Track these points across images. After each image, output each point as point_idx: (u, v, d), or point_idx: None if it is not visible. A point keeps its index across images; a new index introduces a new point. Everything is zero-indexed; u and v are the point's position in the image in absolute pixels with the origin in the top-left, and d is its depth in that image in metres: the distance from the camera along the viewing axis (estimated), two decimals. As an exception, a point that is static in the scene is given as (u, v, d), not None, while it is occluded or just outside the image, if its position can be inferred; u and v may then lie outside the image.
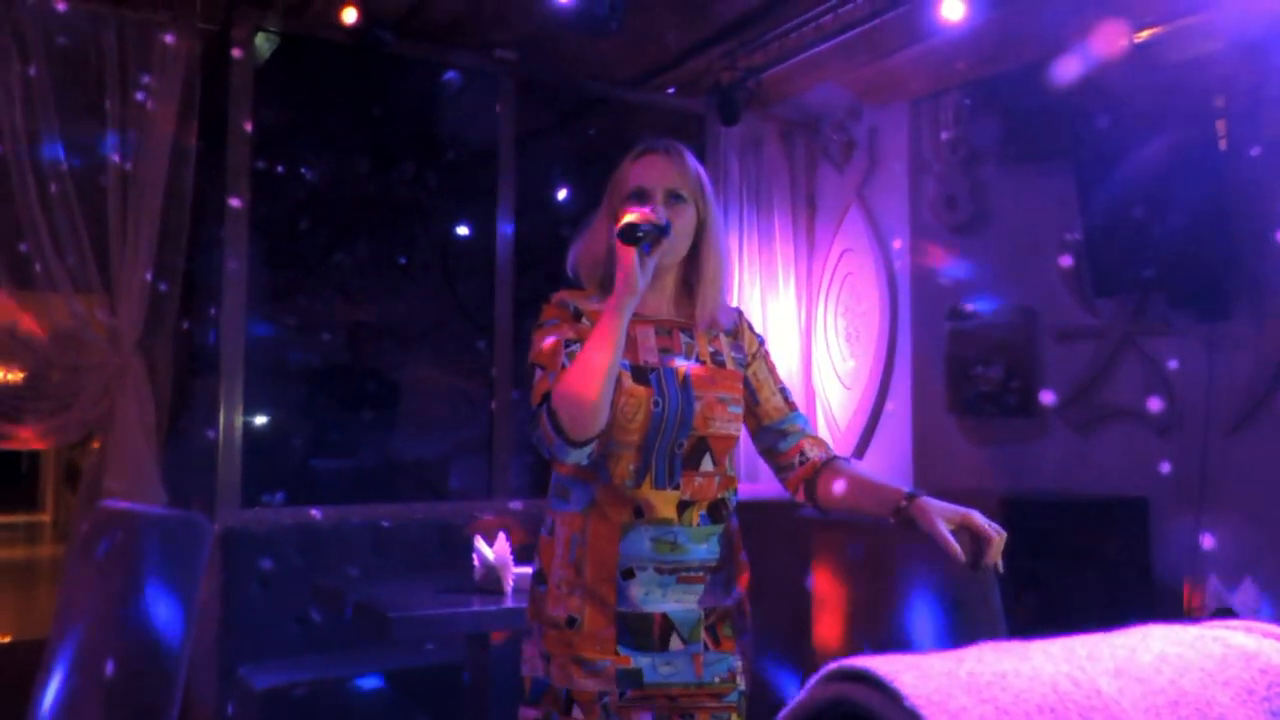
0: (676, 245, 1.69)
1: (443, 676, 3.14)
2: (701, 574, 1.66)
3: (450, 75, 4.09)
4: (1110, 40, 3.25)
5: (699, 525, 1.66)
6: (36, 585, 8.05)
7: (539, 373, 1.65)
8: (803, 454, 1.76)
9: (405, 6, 3.58)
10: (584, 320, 1.69)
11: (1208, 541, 3.18)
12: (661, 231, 1.61)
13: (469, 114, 4.27)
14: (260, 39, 3.68)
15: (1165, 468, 3.30)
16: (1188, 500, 3.27)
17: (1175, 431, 3.37)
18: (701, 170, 1.75)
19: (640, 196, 1.69)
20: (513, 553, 2.64)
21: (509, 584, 2.59)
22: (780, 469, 1.79)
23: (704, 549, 1.66)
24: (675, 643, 1.63)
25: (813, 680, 0.48)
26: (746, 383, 1.77)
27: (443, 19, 3.73)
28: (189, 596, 1.58)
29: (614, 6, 3.16)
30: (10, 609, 7.27)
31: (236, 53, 3.52)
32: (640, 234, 1.57)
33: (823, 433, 4.29)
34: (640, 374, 1.65)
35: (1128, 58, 3.26)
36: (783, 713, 0.47)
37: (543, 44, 3.92)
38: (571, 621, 1.63)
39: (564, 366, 1.60)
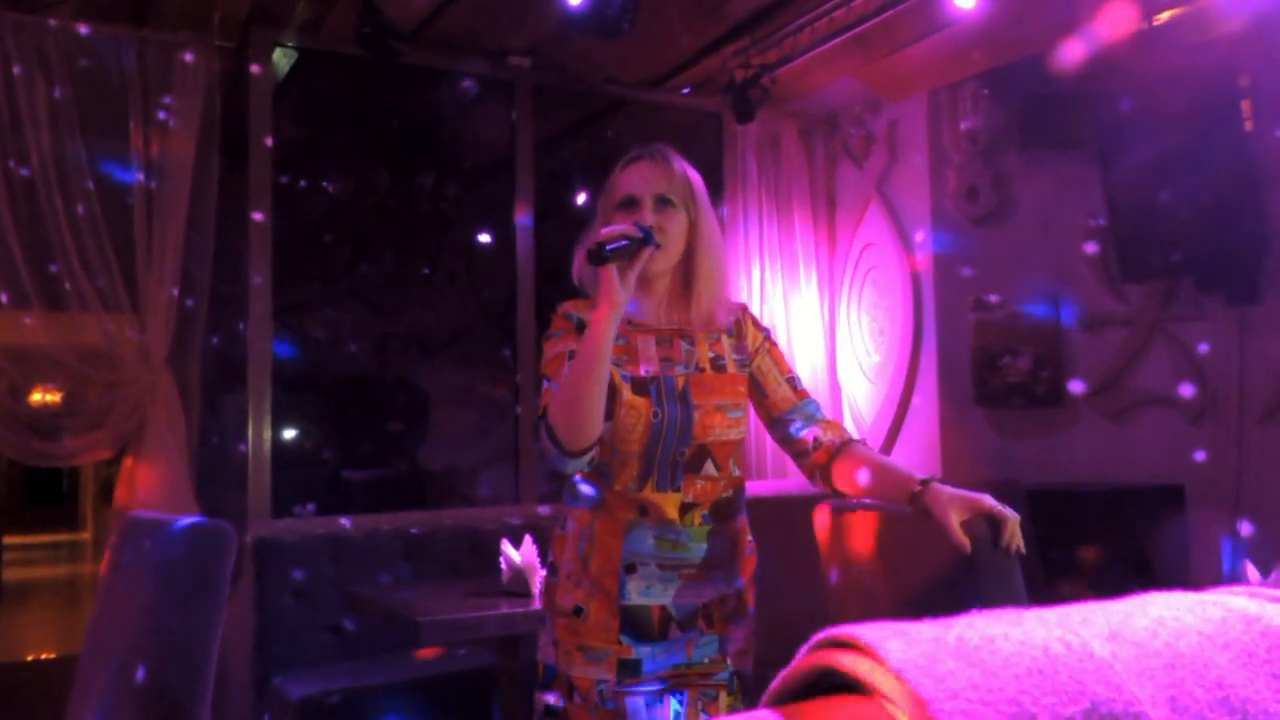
0: (668, 250, 1.69)
1: (475, 682, 3.15)
2: (703, 570, 1.70)
3: (466, 84, 4.12)
4: (1129, 23, 3.21)
5: (700, 525, 1.69)
6: (79, 602, 8.18)
7: (545, 384, 1.69)
8: (816, 439, 1.77)
9: (418, 17, 3.61)
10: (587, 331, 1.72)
11: (1245, 528, 3.12)
12: (641, 241, 1.59)
13: (486, 122, 4.30)
14: (278, 55, 3.72)
15: (1200, 455, 3.24)
16: (1224, 487, 3.21)
17: (1209, 417, 3.31)
18: (690, 172, 1.76)
19: (629, 204, 1.71)
20: (539, 555, 2.65)
21: (536, 586, 2.60)
22: (796, 456, 1.80)
23: (706, 546, 1.70)
24: (674, 632, 1.68)
25: (802, 650, 0.47)
26: (752, 378, 1.79)
27: (456, 28, 3.75)
28: (215, 602, 1.60)
29: (625, 8, 3.16)
30: (54, 625, 7.39)
31: (255, 69, 3.57)
32: (608, 253, 1.55)
33: (850, 428, 4.27)
34: (641, 385, 1.68)
35: (1147, 40, 3.22)
36: (774, 683, 0.47)
37: (556, 49, 3.93)
38: (578, 611, 1.68)
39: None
